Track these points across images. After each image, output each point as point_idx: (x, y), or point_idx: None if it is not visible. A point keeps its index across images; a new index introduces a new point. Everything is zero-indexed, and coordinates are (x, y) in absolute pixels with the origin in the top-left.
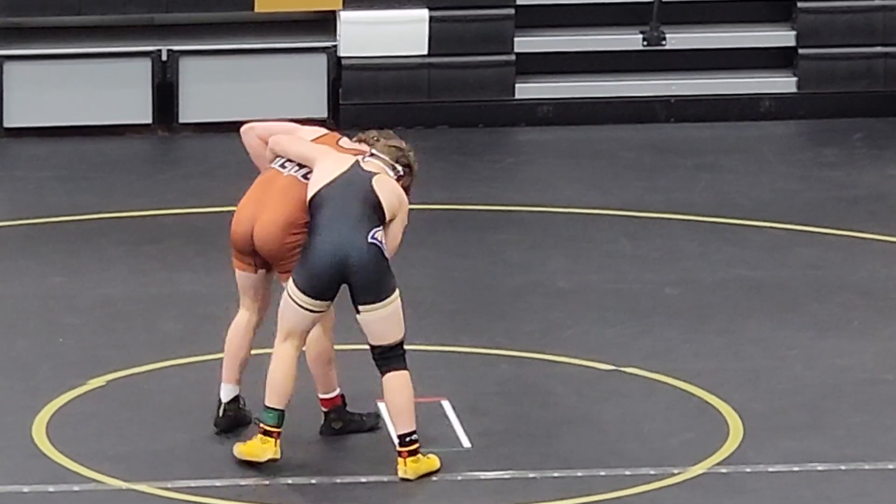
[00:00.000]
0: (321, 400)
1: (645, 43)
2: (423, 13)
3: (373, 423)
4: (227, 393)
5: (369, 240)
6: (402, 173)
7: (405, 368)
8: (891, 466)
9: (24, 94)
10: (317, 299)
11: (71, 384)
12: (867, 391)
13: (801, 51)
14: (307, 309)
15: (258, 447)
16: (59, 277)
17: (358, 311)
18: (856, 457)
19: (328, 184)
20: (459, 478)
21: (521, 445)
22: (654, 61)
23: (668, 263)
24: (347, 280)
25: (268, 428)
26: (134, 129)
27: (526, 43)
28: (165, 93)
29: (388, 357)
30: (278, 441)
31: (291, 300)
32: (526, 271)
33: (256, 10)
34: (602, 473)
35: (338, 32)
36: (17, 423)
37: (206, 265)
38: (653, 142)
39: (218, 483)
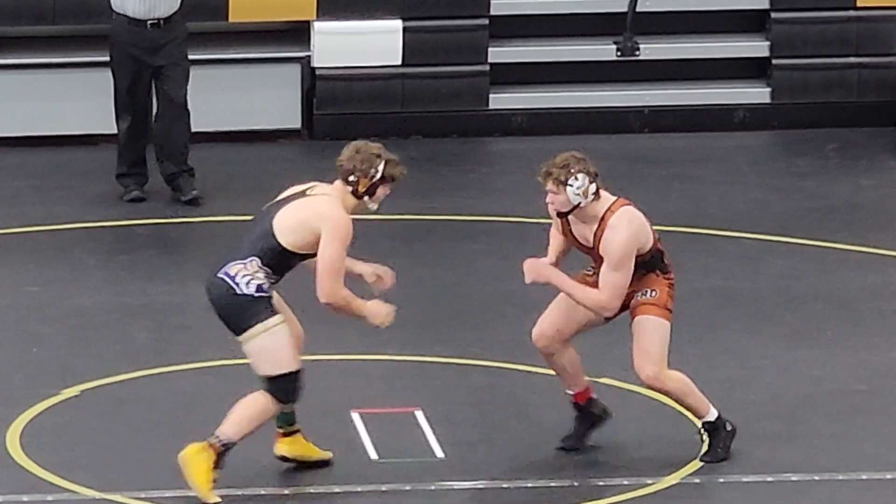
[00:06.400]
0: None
1: (619, 53)
2: (397, 23)
3: None
4: None
5: (218, 275)
6: (358, 184)
7: (271, 396)
8: (864, 477)
9: None
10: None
11: (44, 394)
12: (840, 401)
13: (774, 61)
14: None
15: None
16: (32, 287)
17: None
18: (829, 467)
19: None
20: (432, 488)
21: (494, 456)
22: (628, 72)
23: None
24: None
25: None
26: (108, 139)
27: (500, 53)
28: None
29: (264, 383)
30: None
31: None
32: (499, 281)
33: (230, 20)
34: (576, 483)
35: (312, 43)
36: None
37: (180, 275)
38: (627, 152)
39: (191, 493)
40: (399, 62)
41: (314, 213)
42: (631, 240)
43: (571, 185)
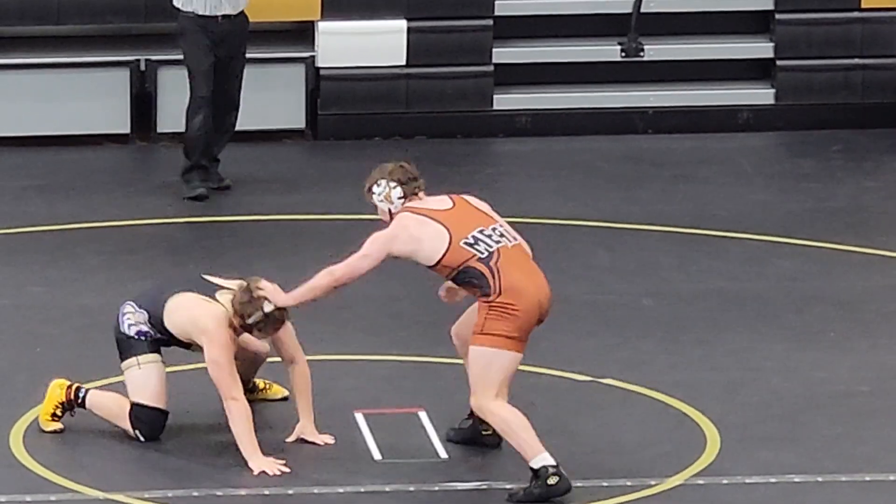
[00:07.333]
0: None
1: (623, 54)
2: (402, 24)
3: None
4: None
5: (121, 305)
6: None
7: (129, 418)
8: (867, 478)
9: (1, 103)
10: None
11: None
12: (843, 403)
13: (779, 62)
14: None
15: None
16: (36, 287)
17: None
18: (832, 468)
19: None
20: (436, 488)
21: (497, 456)
22: (632, 72)
23: (645, 275)
24: None
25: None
26: (112, 139)
27: (504, 54)
28: (143, 102)
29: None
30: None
31: None
32: None
33: None
34: (579, 484)
35: (316, 43)
36: None
37: (184, 275)
38: (631, 153)
39: (195, 493)
40: (403, 62)
41: (196, 325)
42: (387, 236)
43: (374, 193)
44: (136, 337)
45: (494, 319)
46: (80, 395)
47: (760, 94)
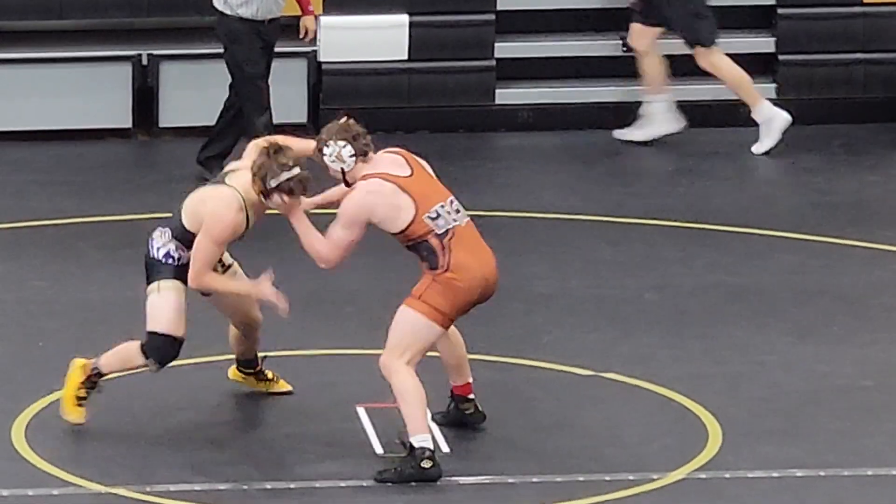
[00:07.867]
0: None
1: (625, 49)
2: (404, 18)
3: None
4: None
5: (154, 229)
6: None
7: (141, 349)
8: (869, 473)
9: (2, 97)
10: None
11: (50, 388)
12: (846, 397)
13: (780, 57)
14: None
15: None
16: (38, 282)
17: None
18: (834, 463)
19: None
20: (438, 482)
21: (500, 450)
22: (634, 67)
23: (647, 269)
24: None
25: None
26: (114, 134)
27: (506, 48)
28: (145, 97)
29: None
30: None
31: None
32: (505, 276)
33: None
34: (581, 479)
35: (318, 37)
36: None
37: None
38: (633, 148)
39: (197, 487)
40: (405, 57)
41: (204, 207)
42: (361, 204)
43: (324, 154)
44: (163, 260)
45: (436, 292)
46: (95, 368)
47: (762, 89)
